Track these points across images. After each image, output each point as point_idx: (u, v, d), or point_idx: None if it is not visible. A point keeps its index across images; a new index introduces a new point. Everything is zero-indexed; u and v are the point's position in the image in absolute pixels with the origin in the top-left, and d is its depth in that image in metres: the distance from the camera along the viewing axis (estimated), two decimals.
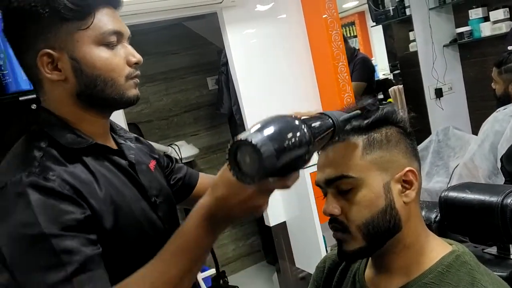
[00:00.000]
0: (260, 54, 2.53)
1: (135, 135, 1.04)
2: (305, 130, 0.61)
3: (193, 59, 3.27)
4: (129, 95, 0.85)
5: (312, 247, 2.39)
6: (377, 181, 0.76)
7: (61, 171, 0.76)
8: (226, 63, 2.73)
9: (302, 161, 0.62)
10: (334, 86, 2.59)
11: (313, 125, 0.65)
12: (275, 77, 2.58)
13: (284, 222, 2.61)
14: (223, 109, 2.97)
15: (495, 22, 2.90)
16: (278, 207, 2.58)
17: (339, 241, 0.81)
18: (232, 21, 2.44)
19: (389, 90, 4.02)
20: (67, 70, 0.81)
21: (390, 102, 3.96)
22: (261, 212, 0.67)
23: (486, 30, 2.96)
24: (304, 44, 2.67)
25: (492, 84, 2.10)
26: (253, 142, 0.57)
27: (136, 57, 0.85)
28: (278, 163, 0.58)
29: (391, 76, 4.49)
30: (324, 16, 2.53)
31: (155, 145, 2.27)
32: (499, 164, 1.89)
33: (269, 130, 0.59)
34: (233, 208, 0.66)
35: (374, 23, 3.73)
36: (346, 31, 5.50)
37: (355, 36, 5.55)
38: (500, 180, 1.90)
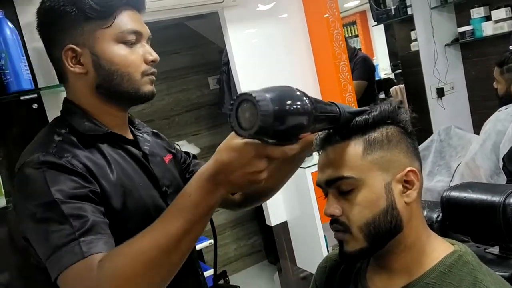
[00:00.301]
0: (261, 54, 2.53)
1: (154, 130, 1.10)
2: (307, 102, 0.64)
3: (194, 59, 3.27)
4: (144, 90, 0.91)
5: (313, 247, 2.39)
6: (378, 182, 0.76)
7: (77, 153, 0.83)
8: (227, 63, 2.73)
9: (299, 129, 0.64)
10: (335, 86, 2.58)
11: (318, 103, 0.68)
12: (276, 77, 2.57)
13: (286, 222, 2.61)
14: (224, 108, 2.96)
15: (497, 21, 2.89)
16: (280, 207, 2.57)
17: (341, 241, 0.81)
18: (233, 21, 2.44)
19: (391, 89, 4.02)
20: (88, 64, 0.88)
21: (390, 98, 3.95)
22: (260, 180, 0.69)
23: (488, 29, 2.95)
24: (305, 43, 2.67)
25: (494, 83, 2.10)
26: (255, 97, 0.61)
27: (153, 55, 0.91)
28: (274, 123, 0.61)
29: (392, 76, 4.48)
30: (325, 16, 2.53)
31: None
32: (501, 164, 1.89)
33: (273, 92, 0.63)
34: (233, 171, 0.68)
35: (376, 23, 3.73)
36: (347, 30, 5.49)
37: (357, 36, 5.54)
38: (502, 179, 1.90)
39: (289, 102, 0.63)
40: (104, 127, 0.91)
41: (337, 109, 0.73)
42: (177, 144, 1.18)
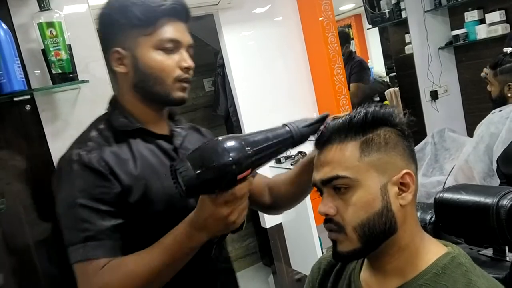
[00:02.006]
0: (256, 56, 2.53)
1: (194, 125, 1.22)
2: (231, 155, 0.75)
3: None
4: (174, 95, 1.00)
5: (308, 248, 2.39)
6: (374, 183, 0.76)
7: (104, 150, 0.95)
8: (222, 65, 2.73)
9: (229, 178, 0.77)
10: (330, 88, 2.59)
11: (253, 144, 0.79)
12: (271, 79, 2.57)
13: (280, 224, 2.61)
14: (219, 110, 2.96)
15: (491, 24, 2.91)
16: None
17: (334, 241, 0.81)
18: (228, 23, 2.44)
19: (385, 92, 4.03)
20: (129, 66, 0.99)
21: (386, 104, 3.97)
22: (231, 222, 0.81)
23: (481, 32, 2.97)
24: (300, 46, 2.68)
25: (488, 86, 2.11)
26: (177, 168, 0.76)
27: (188, 62, 0.99)
28: (199, 184, 0.75)
29: (387, 79, 4.50)
30: (320, 19, 2.54)
31: None
32: (494, 166, 1.89)
33: (194, 157, 0.76)
34: (206, 220, 0.82)
35: (370, 26, 3.73)
36: None
37: (352, 39, 5.55)
38: (495, 181, 1.90)
39: (208, 163, 0.75)
40: (137, 123, 1.01)
41: (287, 132, 0.84)
42: None
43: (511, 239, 0.93)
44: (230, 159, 0.75)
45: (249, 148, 0.78)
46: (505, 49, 2.01)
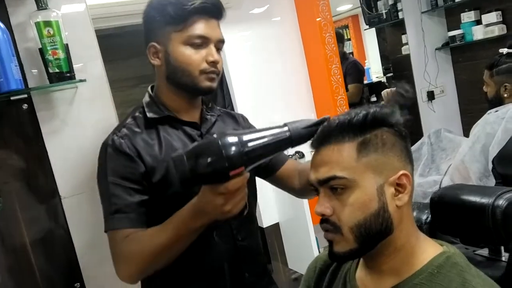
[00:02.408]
0: (254, 56, 2.53)
1: (229, 111, 1.32)
2: (221, 153, 0.80)
3: None
4: (201, 85, 1.09)
5: (305, 248, 2.39)
6: (371, 184, 0.76)
7: (135, 136, 1.09)
8: None
9: (221, 174, 0.82)
10: (327, 88, 2.59)
11: (248, 143, 0.84)
12: (269, 79, 2.58)
13: (277, 223, 2.61)
14: None
15: (488, 25, 2.92)
16: (272, 209, 2.57)
17: (330, 241, 0.81)
18: (226, 23, 2.42)
19: (382, 92, 4.03)
20: (162, 59, 1.11)
21: (384, 104, 3.97)
22: (226, 211, 0.89)
23: (478, 33, 2.98)
24: (298, 46, 2.68)
25: (484, 87, 2.11)
26: (173, 160, 0.82)
27: (214, 57, 1.08)
28: (192, 177, 0.81)
29: (384, 79, 4.50)
30: (318, 19, 2.54)
31: None
32: (490, 166, 1.90)
33: (190, 152, 0.82)
34: (204, 206, 0.90)
35: (368, 26, 3.74)
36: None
37: (349, 39, 5.56)
38: (491, 182, 1.91)
39: (201, 158, 0.80)
40: (168, 111, 1.13)
41: (285, 131, 0.87)
42: None
43: (506, 239, 0.94)
44: (223, 156, 0.80)
45: (244, 145, 0.82)
46: (501, 50, 2.02)
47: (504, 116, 1.88)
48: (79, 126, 1.53)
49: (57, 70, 1.41)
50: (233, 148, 0.81)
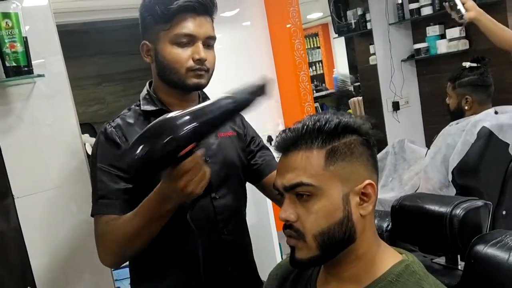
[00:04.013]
0: (222, 59, 2.50)
1: None
2: (162, 137, 0.80)
3: None
4: (188, 82, 1.12)
5: (268, 254, 2.38)
6: (337, 192, 0.76)
7: (127, 126, 1.13)
8: None
9: (167, 161, 0.84)
10: (295, 95, 2.61)
11: (192, 114, 0.84)
12: (237, 83, 2.56)
13: None
14: None
15: (451, 40, 3.00)
16: None
17: (293, 248, 0.80)
18: None
19: (349, 101, 4.10)
20: (153, 57, 1.15)
21: (349, 113, 4.03)
22: (190, 192, 0.91)
23: (442, 47, 3.06)
24: (267, 51, 2.68)
25: (447, 99, 2.17)
26: (123, 152, 0.91)
27: (200, 55, 1.10)
28: (142, 165, 0.81)
29: (351, 88, 4.58)
30: (288, 26, 2.55)
31: None
32: (450, 177, 1.95)
33: (134, 141, 0.83)
34: (168, 190, 0.94)
35: (337, 35, 3.80)
36: (309, 41, 5.58)
37: (318, 47, 5.63)
38: (452, 191, 1.96)
39: (147, 146, 0.81)
40: (161, 105, 1.17)
41: (230, 99, 0.91)
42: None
43: (463, 248, 0.95)
44: (167, 139, 0.81)
45: (187, 122, 0.83)
46: (464, 64, 2.08)
47: (464, 129, 1.94)
48: (35, 123, 1.47)
49: (14, 64, 1.36)
50: (175, 129, 0.81)
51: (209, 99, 1.27)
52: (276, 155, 0.85)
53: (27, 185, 1.47)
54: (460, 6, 1.92)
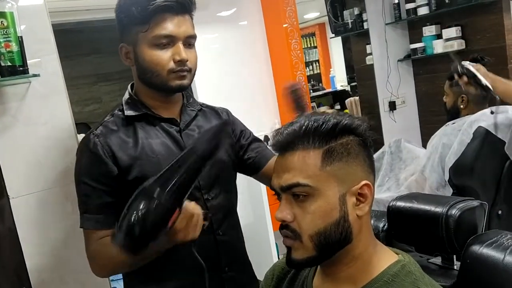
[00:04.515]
0: (219, 59, 2.52)
1: (209, 105, 1.31)
2: (149, 218, 0.83)
3: None
4: (171, 84, 1.09)
5: (264, 254, 2.38)
6: (333, 193, 0.76)
7: (111, 134, 1.10)
8: None
9: (160, 231, 0.86)
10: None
11: (162, 180, 0.86)
12: (233, 83, 2.56)
13: None
14: None
15: (447, 39, 3.01)
16: None
17: (289, 248, 0.80)
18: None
19: (346, 101, 4.11)
20: (133, 60, 1.11)
21: (346, 113, 4.04)
22: (190, 239, 0.96)
23: (438, 47, 3.07)
24: (264, 51, 2.68)
25: (444, 97, 2.17)
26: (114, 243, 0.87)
27: (180, 56, 1.07)
28: (133, 244, 0.84)
29: (348, 88, 4.58)
30: (284, 25, 2.55)
31: None
32: (446, 177, 1.95)
33: (120, 224, 0.84)
34: (165, 243, 0.97)
35: (334, 35, 3.80)
36: (306, 41, 5.58)
37: (315, 47, 5.64)
38: (448, 191, 1.96)
39: (132, 228, 0.82)
40: (145, 108, 1.14)
41: (191, 152, 0.89)
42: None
43: (459, 248, 0.95)
44: (152, 218, 0.83)
45: (164, 193, 0.84)
46: (463, 63, 2.07)
47: (461, 128, 1.94)
48: (31, 123, 1.46)
49: (9, 64, 1.35)
50: (156, 205, 0.83)
51: (192, 97, 1.27)
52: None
53: (22, 186, 1.46)
54: (479, 76, 1.84)
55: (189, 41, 1.11)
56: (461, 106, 2.05)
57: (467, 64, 1.80)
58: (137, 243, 0.85)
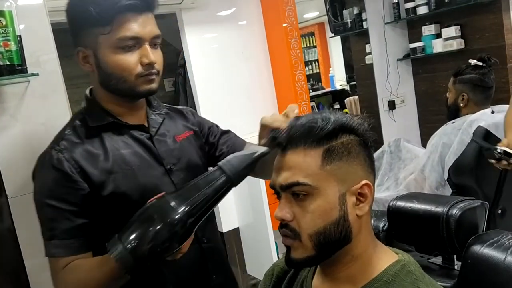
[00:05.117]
0: (219, 58, 2.51)
1: (175, 107, 1.22)
2: (167, 228, 0.77)
3: None
4: (139, 89, 1.00)
5: (264, 254, 2.38)
6: (333, 192, 0.76)
7: (76, 149, 0.99)
8: (183, 65, 2.70)
9: (171, 251, 0.80)
10: (291, 94, 2.60)
11: (191, 204, 0.79)
12: (233, 82, 2.56)
13: (237, 229, 2.59)
14: None
15: (447, 39, 3.01)
16: (232, 213, 2.55)
17: (288, 247, 0.80)
18: (191, 23, 2.41)
19: (345, 100, 4.11)
20: (93, 65, 1.01)
21: (346, 112, 4.04)
22: (179, 256, 0.88)
23: (438, 46, 3.07)
24: (263, 50, 2.68)
25: (447, 93, 2.17)
26: (110, 251, 0.79)
27: (149, 59, 0.98)
28: (136, 263, 0.78)
29: (347, 87, 4.59)
30: (284, 25, 2.55)
31: None
32: (446, 176, 1.95)
33: (127, 238, 0.78)
34: None
35: (333, 34, 3.80)
36: (306, 41, 5.58)
37: (315, 47, 5.64)
38: (448, 191, 1.96)
39: (150, 244, 0.77)
40: (110, 116, 1.04)
41: (225, 181, 0.83)
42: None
43: (459, 248, 0.95)
44: (172, 239, 0.78)
45: (188, 216, 0.79)
46: (470, 61, 2.07)
47: (460, 128, 1.94)
48: (29, 123, 1.46)
49: (8, 63, 1.34)
50: (179, 227, 0.78)
51: (156, 100, 1.17)
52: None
53: (21, 185, 1.45)
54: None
55: (155, 42, 1.02)
56: (461, 105, 2.05)
57: (501, 148, 1.58)
58: (142, 261, 0.78)
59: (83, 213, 0.97)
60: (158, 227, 0.77)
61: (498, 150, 1.57)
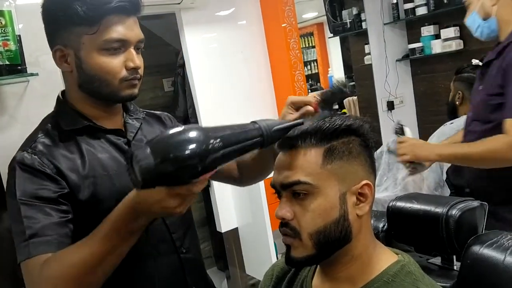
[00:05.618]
0: (218, 58, 2.51)
1: (152, 112, 1.18)
2: (198, 147, 0.66)
3: (149, 59, 3.16)
4: (122, 94, 0.97)
5: (263, 254, 2.38)
6: (333, 191, 0.76)
7: (51, 150, 0.94)
8: (183, 65, 2.69)
9: (191, 174, 0.68)
10: (290, 94, 2.60)
11: (223, 140, 0.70)
12: (232, 82, 2.56)
13: (236, 228, 2.59)
14: (178, 111, 2.91)
15: (446, 40, 3.02)
16: (231, 213, 2.55)
17: (288, 246, 0.80)
18: (190, 23, 2.41)
19: (344, 101, 4.10)
20: (73, 65, 0.96)
21: (344, 112, 4.04)
22: (177, 212, 0.76)
23: (436, 47, 3.07)
24: (262, 51, 2.68)
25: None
26: (134, 154, 0.67)
27: (134, 63, 0.95)
28: (157, 176, 0.67)
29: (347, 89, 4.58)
30: (283, 25, 2.55)
31: None
32: (444, 176, 1.96)
33: (157, 143, 0.68)
34: (152, 204, 0.75)
35: (332, 35, 3.80)
36: (305, 41, 5.58)
37: (313, 47, 5.64)
38: (446, 191, 1.97)
39: (172, 153, 0.66)
40: (85, 120, 0.99)
41: (258, 133, 0.75)
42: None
43: (459, 249, 0.96)
44: (195, 152, 0.67)
45: (219, 144, 0.70)
46: (472, 60, 2.08)
47: (459, 128, 1.94)
48: (29, 122, 1.44)
49: (7, 62, 1.35)
50: (210, 147, 0.68)
51: (133, 104, 1.13)
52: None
53: None
54: None
55: (139, 46, 0.99)
56: (457, 102, 2.07)
57: (400, 123, 1.62)
58: (161, 177, 0.67)
59: (63, 210, 0.91)
60: (191, 146, 0.67)
61: (399, 126, 1.61)
